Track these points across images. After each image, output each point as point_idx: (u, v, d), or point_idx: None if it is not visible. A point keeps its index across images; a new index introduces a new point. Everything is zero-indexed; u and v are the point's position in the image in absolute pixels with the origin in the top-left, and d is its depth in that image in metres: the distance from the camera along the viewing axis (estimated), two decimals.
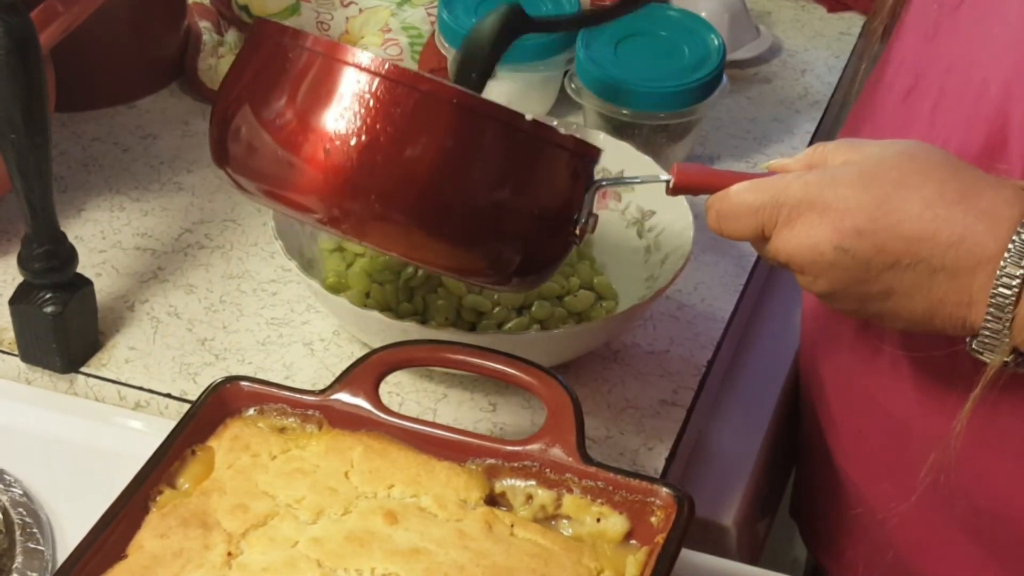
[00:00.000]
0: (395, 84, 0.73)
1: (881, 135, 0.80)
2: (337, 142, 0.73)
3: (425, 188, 0.73)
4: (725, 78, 1.13)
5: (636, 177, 0.85)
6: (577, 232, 0.78)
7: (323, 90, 0.73)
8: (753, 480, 0.97)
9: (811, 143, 1.20)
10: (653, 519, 0.75)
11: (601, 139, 1.02)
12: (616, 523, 0.75)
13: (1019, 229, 0.67)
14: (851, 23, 1.36)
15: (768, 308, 1.11)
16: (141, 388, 0.93)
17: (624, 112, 1.09)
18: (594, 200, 0.79)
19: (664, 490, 0.75)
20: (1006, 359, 0.70)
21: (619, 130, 1.09)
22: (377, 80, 0.73)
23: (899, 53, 0.86)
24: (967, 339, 0.70)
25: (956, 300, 0.69)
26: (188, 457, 0.78)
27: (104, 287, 1.00)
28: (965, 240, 0.68)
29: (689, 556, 0.84)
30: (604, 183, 0.80)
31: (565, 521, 0.76)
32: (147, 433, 0.88)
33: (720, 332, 0.99)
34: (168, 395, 0.93)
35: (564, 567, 0.73)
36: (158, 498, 0.75)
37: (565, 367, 0.94)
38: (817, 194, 0.71)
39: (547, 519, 0.77)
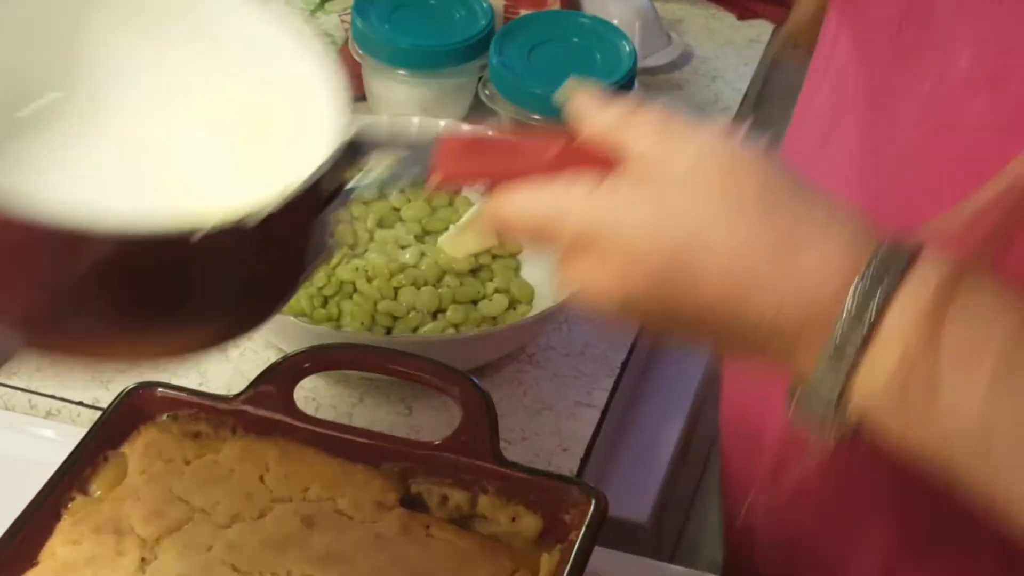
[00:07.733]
0: None
1: (807, 132, 0.79)
2: None
3: None
4: (637, 84, 1.14)
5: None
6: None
7: None
8: (668, 478, 0.98)
9: None
10: (567, 517, 0.75)
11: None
12: (530, 522, 0.76)
13: (857, 282, 0.55)
14: (761, 30, 1.38)
15: None
16: (52, 396, 0.92)
17: (537, 117, 1.10)
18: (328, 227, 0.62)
19: (576, 489, 0.76)
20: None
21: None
22: None
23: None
24: (792, 395, 0.59)
25: (777, 348, 0.58)
26: (101, 463, 0.77)
27: None
28: (783, 307, 0.57)
29: (604, 554, 0.85)
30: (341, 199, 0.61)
31: (481, 521, 0.77)
32: (59, 441, 0.87)
33: (634, 333, 1.00)
34: (80, 403, 0.92)
35: (480, 567, 0.73)
36: (70, 505, 0.75)
37: (480, 370, 0.94)
38: (602, 228, 0.59)
39: (463, 519, 0.77)
